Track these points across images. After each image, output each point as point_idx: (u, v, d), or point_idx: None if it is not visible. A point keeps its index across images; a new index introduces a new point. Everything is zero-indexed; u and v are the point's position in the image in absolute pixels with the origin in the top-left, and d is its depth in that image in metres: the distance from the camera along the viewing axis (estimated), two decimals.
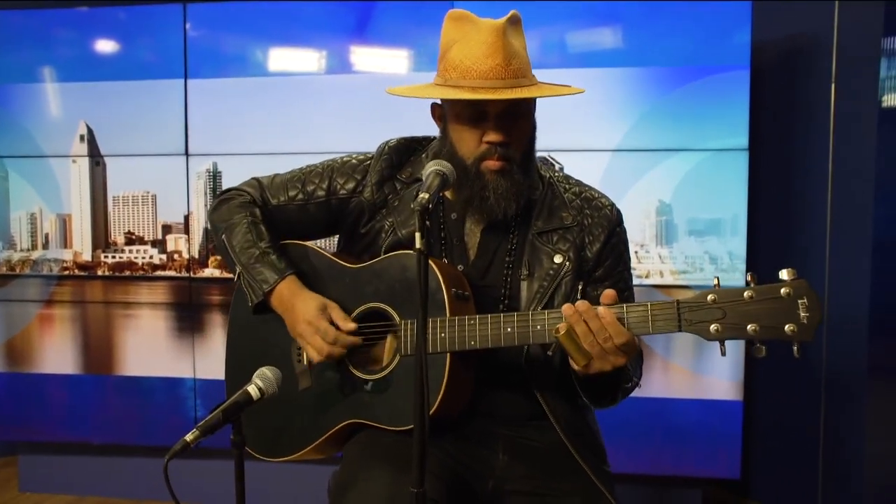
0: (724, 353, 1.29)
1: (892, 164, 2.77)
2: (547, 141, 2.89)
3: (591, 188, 1.62)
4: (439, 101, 1.55)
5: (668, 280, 2.83)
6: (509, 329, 1.37)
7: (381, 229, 1.56)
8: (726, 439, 2.81)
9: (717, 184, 2.78)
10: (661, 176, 2.81)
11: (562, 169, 2.88)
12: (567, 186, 1.60)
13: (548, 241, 1.53)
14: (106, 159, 3.06)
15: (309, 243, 1.63)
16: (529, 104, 1.51)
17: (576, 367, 1.33)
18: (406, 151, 1.61)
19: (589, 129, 2.83)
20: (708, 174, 2.78)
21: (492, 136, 1.45)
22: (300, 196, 1.62)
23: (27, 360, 3.16)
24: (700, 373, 2.84)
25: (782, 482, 3.03)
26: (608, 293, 1.33)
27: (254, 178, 1.68)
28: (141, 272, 3.07)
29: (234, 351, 1.65)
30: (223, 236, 1.59)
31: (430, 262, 1.43)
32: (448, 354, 1.40)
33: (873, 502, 2.68)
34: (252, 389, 1.34)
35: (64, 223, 3.11)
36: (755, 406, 2.95)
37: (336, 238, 1.72)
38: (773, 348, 2.86)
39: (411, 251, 1.46)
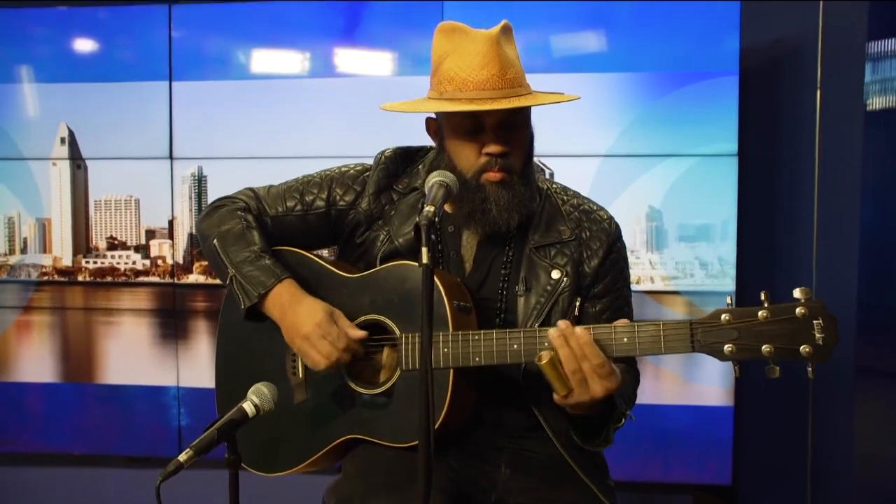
0: (738, 375, 1.28)
1: (877, 167, 2.78)
2: (537, 146, 2.86)
3: (589, 200, 1.60)
4: (434, 116, 1.52)
5: (659, 286, 2.82)
6: (515, 346, 1.35)
7: (376, 239, 1.54)
8: (717, 445, 2.81)
9: (707, 189, 2.77)
10: (652, 181, 2.80)
11: (552, 175, 2.87)
12: (565, 198, 1.58)
13: (545, 255, 1.51)
14: (88, 162, 2.99)
15: (304, 250, 1.59)
16: (527, 113, 1.49)
17: (556, 398, 1.31)
18: (403, 161, 1.58)
19: (579, 135, 2.82)
20: (698, 180, 2.78)
21: (491, 148, 1.43)
22: (299, 207, 1.59)
23: (4, 369, 3.08)
24: (690, 379, 2.84)
25: (773, 487, 3.03)
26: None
27: (248, 189, 1.64)
28: (123, 278, 3.01)
29: (224, 362, 1.60)
30: (214, 241, 1.53)
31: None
32: (451, 370, 1.37)
33: None
34: (248, 406, 1.30)
35: (43, 227, 3.03)
36: (745, 411, 2.95)
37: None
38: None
39: (410, 262, 1.43)
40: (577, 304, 1.49)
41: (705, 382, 2.82)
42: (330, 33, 2.91)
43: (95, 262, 3.02)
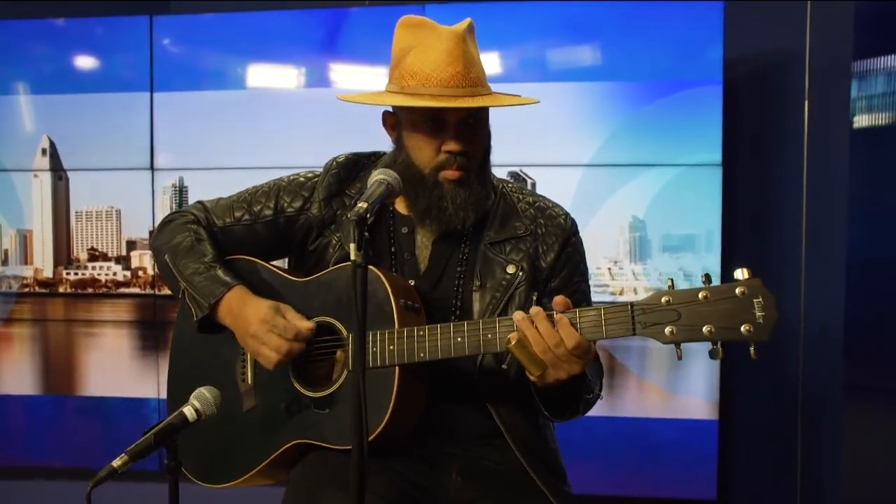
0: (680, 357, 1.25)
1: (865, 182, 2.75)
2: (518, 156, 2.86)
3: (544, 198, 1.59)
4: (391, 110, 1.50)
5: (643, 297, 2.77)
6: (459, 339, 1.32)
7: (328, 245, 1.51)
8: (702, 459, 2.75)
9: (691, 199, 2.74)
10: (635, 191, 2.77)
11: (534, 185, 2.84)
12: (520, 196, 1.57)
13: (500, 251, 1.49)
14: (69, 173, 3.00)
15: (255, 259, 1.57)
16: (487, 113, 1.48)
17: (531, 377, 1.28)
18: (355, 167, 1.56)
19: (561, 144, 2.80)
20: (681, 190, 2.75)
21: (451, 146, 1.41)
22: (246, 217, 1.57)
23: None
24: (675, 392, 2.79)
25: (760, 502, 2.97)
26: (558, 299, 1.29)
27: (198, 202, 1.63)
28: (104, 289, 3.00)
29: (175, 375, 1.58)
30: (165, 257, 1.52)
31: (378, 272, 1.38)
32: (397, 368, 1.34)
33: None
34: (188, 411, 1.27)
35: (24, 239, 3.03)
36: (731, 425, 2.90)
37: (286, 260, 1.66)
38: (747, 366, 2.81)
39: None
40: (534, 298, 1.47)
41: (690, 395, 2.77)
42: (311, 43, 2.91)
43: (76, 274, 3.01)
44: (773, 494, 2.96)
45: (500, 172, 2.75)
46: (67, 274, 3.01)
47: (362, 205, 1.17)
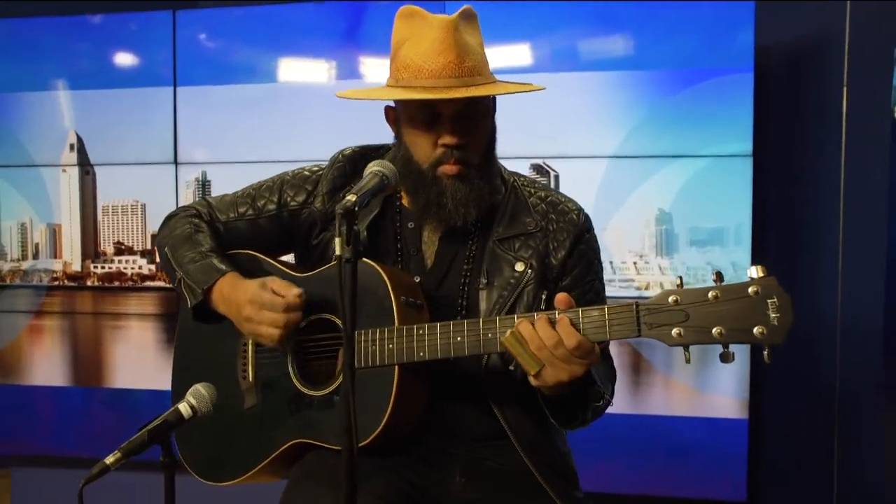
0: (688, 360, 1.18)
1: None
2: (541, 148, 2.81)
3: (557, 193, 1.53)
4: (393, 104, 1.47)
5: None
6: (459, 338, 1.27)
7: (332, 239, 1.48)
8: (731, 459, 2.67)
9: (720, 191, 2.65)
10: (661, 183, 2.69)
11: (557, 177, 2.78)
12: (532, 191, 1.51)
13: (509, 248, 1.43)
14: (95, 168, 3.03)
15: (256, 253, 1.55)
16: (487, 104, 1.42)
17: (529, 375, 1.23)
18: (361, 160, 1.52)
19: (585, 136, 2.73)
20: (710, 181, 2.66)
21: (447, 139, 1.37)
22: (250, 212, 1.55)
23: (18, 372, 3.13)
24: (702, 389, 2.71)
25: (794, 503, 2.88)
26: (560, 297, 1.24)
27: (203, 198, 1.63)
28: (130, 283, 3.03)
29: (179, 369, 1.57)
30: (166, 250, 1.51)
31: (378, 267, 1.35)
32: (396, 367, 1.30)
33: None
34: (183, 408, 1.26)
35: (54, 233, 3.08)
36: (762, 425, 2.81)
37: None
38: (778, 365, 2.72)
39: (361, 259, 1.37)
40: (544, 297, 1.41)
41: (718, 393, 2.69)
42: (332, 37, 2.88)
43: (103, 268, 3.04)
44: (807, 498, 2.86)
45: (522, 165, 2.77)
46: (95, 268, 3.05)
47: (350, 197, 1.13)
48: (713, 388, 2.69)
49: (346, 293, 1.06)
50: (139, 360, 3.04)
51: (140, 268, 3.02)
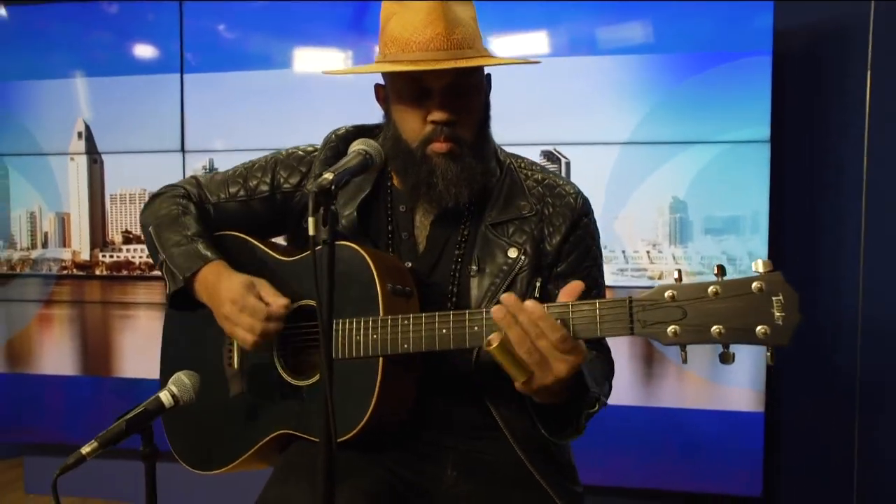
0: (685, 361, 1.10)
1: None
2: (552, 134, 2.74)
3: (556, 175, 1.46)
4: (382, 82, 1.41)
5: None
6: (444, 330, 1.21)
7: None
8: (746, 454, 2.60)
9: (736, 179, 2.58)
10: (675, 170, 2.62)
11: (568, 164, 2.72)
12: (529, 173, 1.44)
13: (502, 232, 1.37)
14: (103, 156, 3.02)
15: (247, 235, 1.50)
16: (480, 79, 1.36)
17: (517, 384, 1.15)
18: (355, 139, 1.46)
19: (597, 122, 2.66)
20: (726, 168, 2.58)
21: (436, 115, 1.30)
22: (242, 193, 1.50)
23: (28, 361, 3.13)
24: (718, 382, 2.63)
25: (810, 501, 2.80)
26: (571, 288, 1.15)
27: (192, 176, 1.57)
28: (138, 272, 3.01)
29: (166, 356, 1.54)
30: (150, 230, 1.47)
31: (364, 252, 1.30)
32: (381, 358, 1.25)
33: None
34: (164, 396, 1.23)
35: (63, 222, 3.07)
36: (779, 418, 2.73)
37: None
38: (797, 357, 2.63)
39: (346, 243, 1.32)
40: (538, 284, 1.35)
41: (734, 385, 2.61)
42: (341, 23, 2.84)
43: (112, 256, 3.03)
44: (825, 494, 2.77)
45: (532, 151, 2.71)
46: (103, 256, 3.04)
47: (327, 175, 1.08)
48: (728, 380, 2.62)
49: (322, 278, 1.01)
50: (147, 349, 3.02)
51: (148, 257, 3.00)
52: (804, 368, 2.72)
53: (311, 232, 1.01)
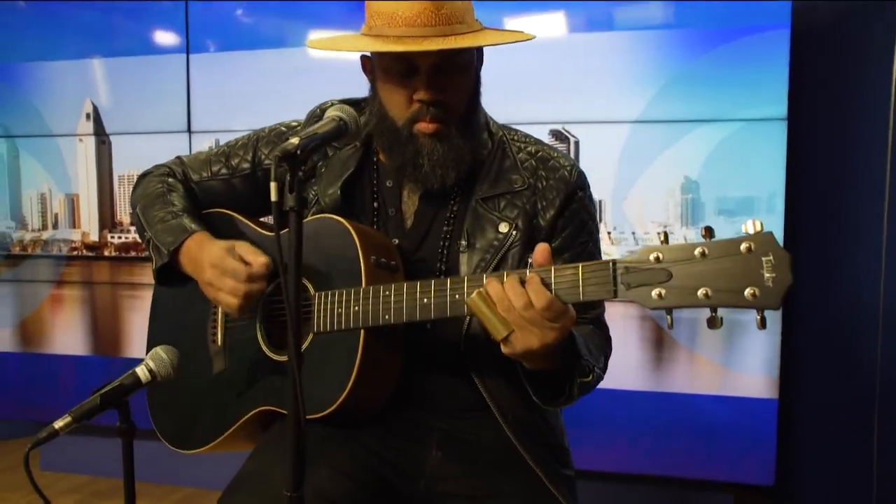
0: (671, 326, 1.05)
1: None
2: (560, 113, 2.68)
3: (551, 147, 1.41)
4: (368, 53, 1.37)
5: None
6: (425, 300, 1.17)
7: (306, 199, 1.40)
8: (759, 441, 2.53)
9: (751, 158, 2.49)
10: (688, 149, 2.55)
11: (577, 143, 2.66)
12: (522, 146, 1.39)
13: (493, 207, 1.33)
14: (111, 137, 3.02)
15: (231, 212, 1.48)
16: (470, 56, 1.31)
17: (497, 340, 1.11)
18: None
19: (607, 99, 2.60)
20: (740, 147, 2.50)
21: (422, 94, 1.26)
22: (224, 171, 1.48)
23: (41, 341, 3.16)
24: (730, 367, 2.57)
25: (825, 491, 2.72)
26: (540, 248, 1.11)
27: (177, 157, 1.57)
28: (146, 253, 3.01)
29: (153, 333, 1.52)
30: (137, 209, 1.47)
31: (348, 224, 1.27)
32: (362, 331, 1.22)
33: None
34: (141, 371, 1.21)
35: (72, 203, 3.08)
36: (793, 405, 2.66)
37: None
38: (813, 342, 2.53)
39: (330, 216, 1.29)
40: (530, 260, 1.30)
41: (747, 371, 2.54)
42: (347, 2, 2.79)
43: (120, 237, 3.04)
44: (841, 485, 2.70)
45: (541, 130, 2.65)
46: (112, 238, 3.05)
47: (293, 140, 1.04)
48: (741, 366, 2.55)
49: (293, 247, 0.98)
50: None
51: None
52: (821, 354, 2.65)
53: (272, 197, 0.97)
